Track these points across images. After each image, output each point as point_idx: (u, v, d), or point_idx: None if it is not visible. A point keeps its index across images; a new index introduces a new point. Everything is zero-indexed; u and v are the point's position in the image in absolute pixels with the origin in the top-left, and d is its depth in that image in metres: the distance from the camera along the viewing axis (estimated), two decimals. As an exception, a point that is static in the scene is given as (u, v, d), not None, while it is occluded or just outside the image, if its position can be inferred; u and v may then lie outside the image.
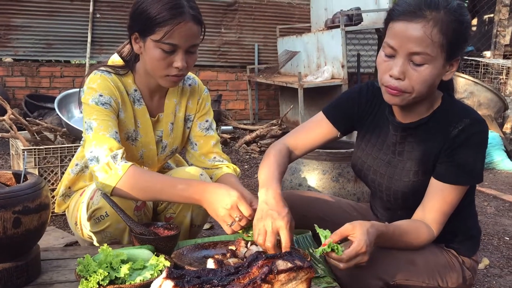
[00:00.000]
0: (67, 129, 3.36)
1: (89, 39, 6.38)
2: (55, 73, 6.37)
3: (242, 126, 6.45)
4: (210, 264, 1.25)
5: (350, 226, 1.28)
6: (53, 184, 2.95)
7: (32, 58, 6.33)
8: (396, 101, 1.37)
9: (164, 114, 1.82)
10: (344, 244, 1.28)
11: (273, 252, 1.31)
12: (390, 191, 1.51)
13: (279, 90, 7.27)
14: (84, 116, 1.64)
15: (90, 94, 1.64)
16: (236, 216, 1.42)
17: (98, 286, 1.21)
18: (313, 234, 1.61)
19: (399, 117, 1.49)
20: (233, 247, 1.45)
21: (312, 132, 1.65)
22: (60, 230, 2.74)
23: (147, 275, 1.27)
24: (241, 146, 5.29)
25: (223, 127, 6.23)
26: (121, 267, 1.28)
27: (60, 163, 2.98)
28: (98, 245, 1.67)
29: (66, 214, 1.97)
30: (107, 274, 1.24)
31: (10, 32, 6.15)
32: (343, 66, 5.63)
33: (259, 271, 1.04)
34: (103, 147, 1.55)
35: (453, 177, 1.40)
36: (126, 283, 1.25)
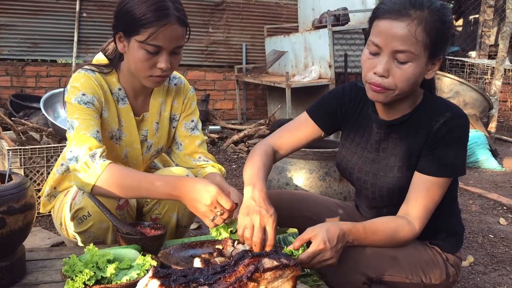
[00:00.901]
0: (53, 129, 3.33)
1: (76, 39, 6.34)
2: (41, 73, 6.31)
3: (230, 126, 6.45)
4: (197, 263, 1.25)
5: (310, 230, 1.32)
6: (39, 185, 2.93)
7: (18, 58, 6.26)
8: (380, 98, 1.40)
9: (149, 114, 1.82)
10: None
11: (259, 248, 1.32)
12: (375, 188, 1.53)
13: (267, 90, 7.28)
14: (67, 115, 1.64)
15: (73, 93, 1.63)
16: (218, 211, 1.42)
17: (84, 286, 1.20)
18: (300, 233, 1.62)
19: (382, 115, 1.52)
20: (220, 246, 1.45)
21: (297, 132, 1.67)
22: (47, 231, 2.72)
23: (134, 275, 1.27)
24: (229, 146, 5.29)
25: (211, 127, 6.22)
26: (107, 267, 1.28)
27: (46, 163, 2.95)
28: (83, 245, 1.66)
29: (52, 215, 1.96)
30: (93, 274, 1.23)
31: (-5, 31, 6.09)
32: (331, 66, 5.66)
33: (245, 270, 1.05)
34: (83, 147, 1.54)
35: (435, 170, 1.42)
36: (113, 283, 1.24)
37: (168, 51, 1.58)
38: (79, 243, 1.71)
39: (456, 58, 7.21)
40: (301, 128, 1.66)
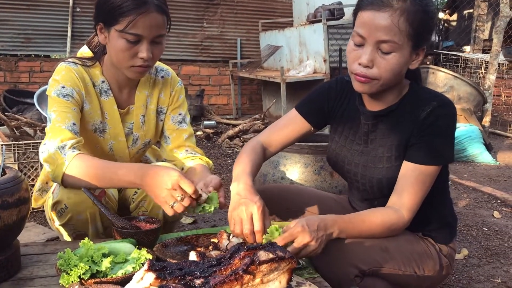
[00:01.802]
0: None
1: (69, 33, 6.30)
2: (35, 68, 6.28)
3: (225, 121, 6.44)
4: (193, 257, 1.26)
5: (292, 223, 1.33)
6: (33, 180, 2.92)
7: (11, 53, 6.22)
8: (365, 89, 1.41)
9: (135, 106, 1.80)
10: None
11: (252, 239, 1.33)
12: (366, 179, 1.54)
13: (262, 85, 7.27)
14: (48, 109, 1.65)
15: (53, 86, 1.64)
16: (178, 196, 1.38)
17: (79, 280, 1.20)
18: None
19: (369, 106, 1.53)
20: (215, 240, 1.45)
21: (286, 129, 1.68)
22: (41, 226, 2.71)
23: (129, 269, 1.27)
24: (224, 141, 5.29)
25: (206, 122, 6.21)
26: (103, 261, 1.28)
27: (40, 159, 2.94)
28: (71, 239, 1.68)
29: (44, 210, 1.95)
30: (88, 268, 1.23)
31: (-12, 26, 6.04)
32: (325, 61, 5.65)
33: (241, 262, 1.05)
34: (57, 139, 1.54)
35: (423, 158, 1.43)
36: (108, 277, 1.24)
37: (149, 40, 1.57)
38: (65, 237, 1.70)
39: (451, 53, 7.23)
40: (290, 125, 1.68)
